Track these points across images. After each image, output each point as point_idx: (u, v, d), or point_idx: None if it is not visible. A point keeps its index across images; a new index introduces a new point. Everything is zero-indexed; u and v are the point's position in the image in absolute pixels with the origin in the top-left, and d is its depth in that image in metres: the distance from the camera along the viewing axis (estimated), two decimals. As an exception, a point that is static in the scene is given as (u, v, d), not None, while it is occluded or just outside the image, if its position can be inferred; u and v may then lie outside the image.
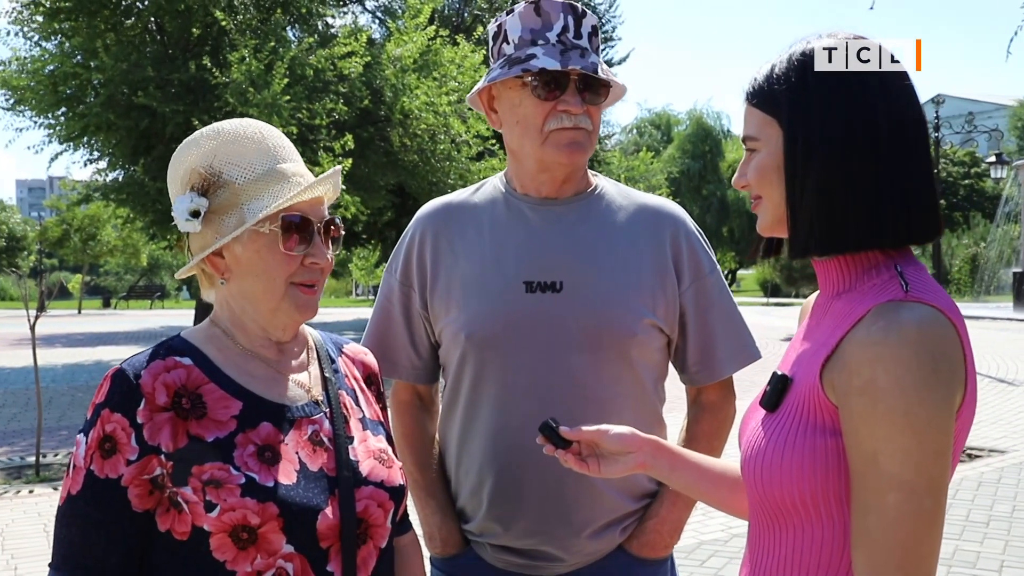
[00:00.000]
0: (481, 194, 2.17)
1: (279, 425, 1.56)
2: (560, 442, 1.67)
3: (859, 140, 1.32)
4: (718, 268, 2.15)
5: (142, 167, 14.90)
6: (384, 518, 1.62)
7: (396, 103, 15.06)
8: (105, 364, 17.56)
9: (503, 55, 2.00)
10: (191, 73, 14.18)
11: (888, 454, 1.21)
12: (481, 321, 2.02)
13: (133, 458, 1.46)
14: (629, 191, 2.17)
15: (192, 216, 1.54)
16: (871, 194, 1.31)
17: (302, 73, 13.99)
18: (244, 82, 13.27)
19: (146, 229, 18.13)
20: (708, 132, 51.13)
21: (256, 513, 1.47)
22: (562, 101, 1.94)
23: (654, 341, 2.05)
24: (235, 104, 13.28)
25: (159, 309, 42.56)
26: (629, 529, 2.08)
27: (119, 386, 1.49)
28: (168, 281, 55.26)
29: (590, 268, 2.01)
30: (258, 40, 14.24)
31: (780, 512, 1.35)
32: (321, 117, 14.00)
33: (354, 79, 14.64)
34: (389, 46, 15.55)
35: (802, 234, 1.37)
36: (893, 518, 1.21)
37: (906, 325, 1.22)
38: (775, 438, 1.34)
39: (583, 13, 1.99)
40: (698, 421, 2.15)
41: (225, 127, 1.60)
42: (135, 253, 37.98)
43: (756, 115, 1.42)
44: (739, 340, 2.13)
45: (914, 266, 1.34)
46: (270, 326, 1.63)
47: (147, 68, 14.35)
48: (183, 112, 14.12)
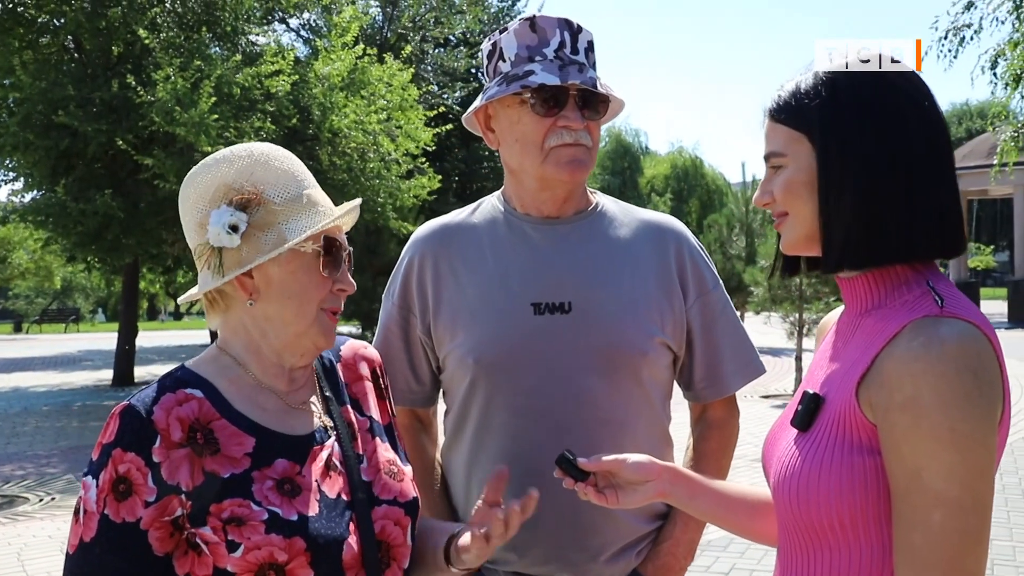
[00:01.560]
0: (479, 214, 2.13)
1: (294, 459, 1.51)
2: (578, 474, 1.64)
3: (894, 153, 1.31)
4: (720, 283, 2.14)
5: (63, 188, 14.49)
6: (403, 536, 1.59)
7: (325, 122, 14.92)
8: (23, 391, 17.02)
9: (499, 73, 1.97)
10: (113, 92, 13.84)
11: (933, 471, 1.19)
12: (490, 344, 1.98)
13: (151, 499, 1.39)
14: (629, 207, 2.15)
15: (231, 230, 1.49)
16: (906, 207, 1.31)
17: (229, 92, 13.77)
18: (170, 101, 13.00)
19: (68, 251, 17.59)
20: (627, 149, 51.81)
21: (283, 549, 1.41)
22: (562, 117, 1.91)
23: (663, 359, 2.03)
24: (161, 123, 12.99)
25: (74, 333, 41.29)
26: (644, 552, 2.05)
27: (130, 423, 1.42)
28: (82, 304, 53.71)
29: (598, 288, 1.98)
30: (183, 58, 13.99)
31: (815, 533, 1.33)
32: (249, 136, 13.79)
33: (281, 98, 14.46)
34: (317, 64, 15.42)
35: (836, 249, 1.36)
36: (939, 535, 1.19)
37: (947, 341, 1.21)
38: (810, 458, 1.32)
39: (579, 28, 1.97)
40: (706, 439, 2.13)
41: (256, 148, 1.57)
42: (48, 276, 36.88)
43: (782, 131, 1.41)
44: (744, 355, 2.12)
45: (944, 281, 1.33)
46: (290, 351, 1.58)
47: (67, 87, 13.97)
48: (106, 131, 13.79)
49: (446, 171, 20.96)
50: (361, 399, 1.71)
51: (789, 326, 12.95)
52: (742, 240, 24.32)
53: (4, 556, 6.37)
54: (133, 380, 17.70)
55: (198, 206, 1.55)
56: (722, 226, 24.78)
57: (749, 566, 5.85)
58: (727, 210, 27.41)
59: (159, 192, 14.03)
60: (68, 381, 18.78)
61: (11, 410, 14.33)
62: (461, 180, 23.50)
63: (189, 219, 1.56)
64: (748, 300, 13.36)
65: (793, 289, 12.67)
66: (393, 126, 16.09)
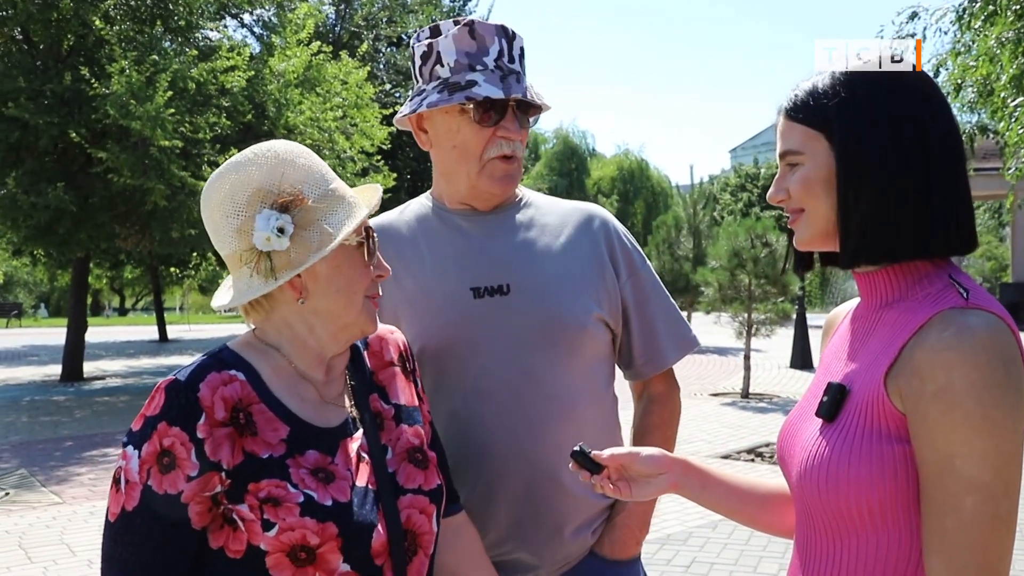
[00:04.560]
0: (408, 213, 2.16)
1: (324, 450, 1.53)
2: (593, 467, 1.65)
3: (911, 152, 1.34)
4: (648, 262, 2.20)
5: (13, 181, 14.29)
6: (428, 523, 1.61)
7: (280, 118, 14.90)
8: (-30, 386, 16.76)
9: (437, 77, 1.97)
10: (66, 84, 13.69)
11: (965, 456, 1.21)
12: (433, 332, 2.00)
13: (194, 474, 1.40)
14: (552, 199, 2.20)
15: (280, 233, 1.48)
16: (924, 204, 1.34)
17: (184, 87, 13.71)
18: (125, 94, 12.91)
19: (15, 245, 17.30)
20: (574, 150, 51.91)
21: (315, 533, 1.43)
22: (501, 127, 1.96)
23: (602, 335, 2.07)
24: (116, 116, 12.90)
25: (16, 328, 40.47)
26: (599, 530, 2.08)
27: (176, 399, 1.43)
28: (24, 298, 52.59)
29: (534, 267, 2.03)
30: (138, 52, 13.86)
31: (843, 521, 1.35)
32: (204, 131, 13.75)
33: (236, 93, 14.42)
34: (272, 61, 15.38)
35: (853, 244, 1.39)
36: (971, 520, 1.21)
37: (977, 331, 1.23)
38: (839, 447, 1.33)
39: (513, 35, 2.00)
40: (649, 413, 2.18)
41: (276, 147, 1.55)
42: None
43: (799, 130, 1.43)
44: (678, 330, 2.18)
45: (964, 275, 1.36)
46: (335, 340, 1.60)
47: (17, 79, 13.74)
48: (58, 124, 13.62)
49: (398, 169, 20.99)
50: (388, 385, 1.72)
51: (738, 325, 13.21)
52: (690, 241, 24.70)
53: (-37, 549, 6.38)
54: (82, 375, 17.51)
55: (233, 212, 1.52)
56: (670, 227, 25.14)
57: (709, 559, 5.96)
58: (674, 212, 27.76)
59: (112, 186, 13.88)
60: (14, 376, 18.53)
61: (-42, 406, 14.14)
62: (413, 178, 23.51)
63: (223, 226, 1.53)
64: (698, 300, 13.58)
65: (742, 289, 12.93)
66: (348, 124, 16.12)
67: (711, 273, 13.30)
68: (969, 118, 16.47)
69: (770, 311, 12.92)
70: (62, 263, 18.48)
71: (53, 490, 8.29)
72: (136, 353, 24.44)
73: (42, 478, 8.82)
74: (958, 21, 14.79)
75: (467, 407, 1.99)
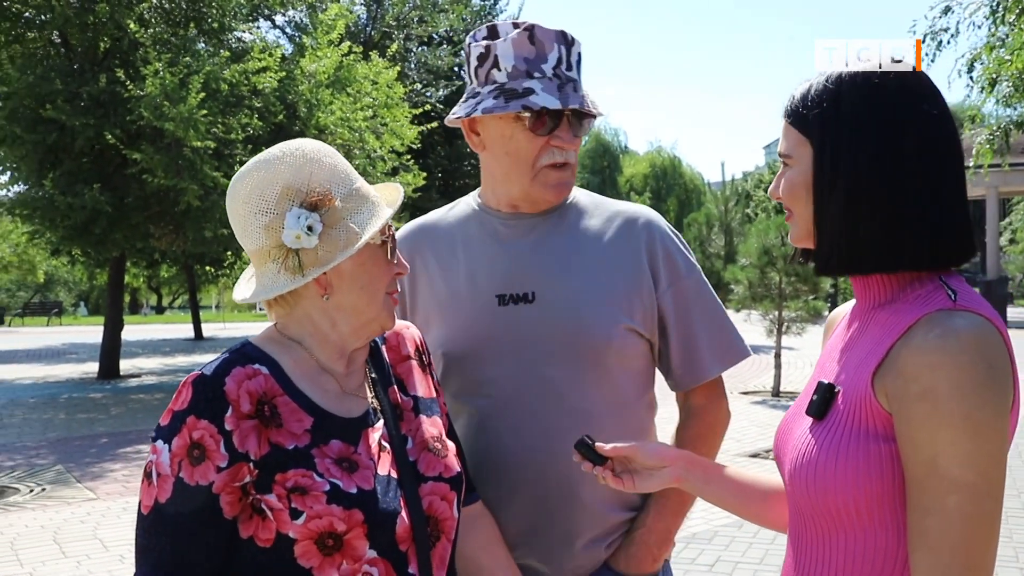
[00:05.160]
0: (455, 213, 2.16)
1: (348, 440, 1.57)
2: (596, 458, 1.67)
3: (885, 168, 1.33)
4: (698, 269, 2.11)
5: (51, 182, 14.55)
6: (450, 510, 1.65)
7: (311, 118, 15.04)
8: (9, 383, 17.08)
9: (493, 82, 1.94)
10: (101, 86, 13.93)
11: (949, 456, 1.22)
12: (457, 337, 2.01)
13: (223, 465, 1.44)
14: (603, 200, 2.15)
15: (309, 231, 1.52)
16: (891, 221, 1.33)
17: (217, 88, 13.89)
18: (159, 96, 13.10)
19: (53, 245, 17.61)
20: (607, 148, 51.81)
21: (342, 520, 1.47)
22: (555, 136, 1.94)
23: (633, 347, 2.02)
24: (150, 118, 13.10)
25: (57, 326, 41.17)
26: (615, 544, 2.04)
27: (203, 392, 1.47)
28: (64, 297, 53.42)
29: (562, 277, 2.00)
30: (172, 54, 14.05)
31: (832, 519, 1.36)
32: (236, 132, 13.93)
33: (268, 94, 14.58)
34: (304, 61, 15.52)
35: (824, 254, 1.41)
36: (955, 520, 1.22)
37: (963, 333, 1.24)
38: (827, 446, 1.34)
39: (572, 41, 1.96)
40: (686, 426, 2.10)
41: (304, 146, 1.58)
42: (31, 269, 36.65)
43: (792, 133, 1.44)
44: (723, 340, 2.09)
45: (955, 277, 1.36)
46: (356, 335, 1.64)
47: (55, 81, 14.03)
48: (94, 126, 13.87)
49: (429, 168, 21.11)
50: (406, 378, 1.77)
51: (769, 323, 13.12)
52: (721, 238, 24.61)
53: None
54: (119, 373, 17.79)
55: (262, 209, 1.55)
56: (701, 225, 25.06)
57: (734, 558, 5.93)
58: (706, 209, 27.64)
59: (147, 187, 14.09)
60: (53, 374, 18.84)
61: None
62: (444, 177, 23.64)
63: (252, 222, 1.55)
64: (728, 298, 13.53)
65: (773, 287, 12.84)
66: (378, 123, 16.23)
67: (741, 271, 13.22)
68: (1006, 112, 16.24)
69: (801, 309, 12.81)
70: (99, 262, 18.75)
71: (88, 486, 8.43)
72: (171, 351, 24.81)
73: (77, 474, 8.97)
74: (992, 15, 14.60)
75: (485, 414, 2.00)
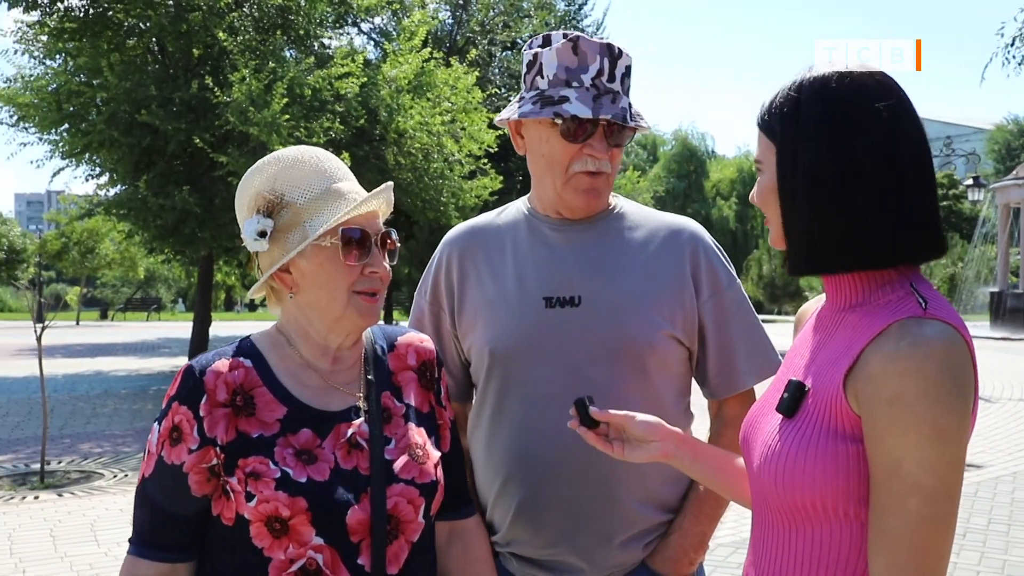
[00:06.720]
0: (505, 216, 2.24)
1: (317, 431, 1.67)
2: (588, 421, 1.73)
3: (841, 166, 1.35)
4: (738, 282, 2.17)
5: (144, 183, 15.16)
6: (415, 514, 1.71)
7: (391, 123, 15.31)
8: (104, 375, 17.82)
9: (535, 88, 2.03)
10: (192, 92, 14.47)
11: (913, 461, 1.26)
12: (504, 337, 2.07)
13: (194, 447, 1.60)
14: (648, 211, 2.20)
15: (260, 236, 1.65)
16: (850, 217, 1.35)
17: (300, 93, 14.28)
18: (244, 101, 13.57)
19: (147, 243, 18.41)
20: (693, 152, 51.23)
21: (286, 506, 1.58)
22: (588, 145, 1.99)
23: (673, 353, 2.07)
24: (236, 123, 13.58)
25: (155, 321, 42.68)
26: (653, 544, 2.10)
27: (187, 381, 1.63)
28: (164, 294, 55.29)
29: (607, 282, 2.05)
30: (258, 60, 14.54)
31: (797, 514, 1.39)
32: (318, 136, 14.26)
33: (350, 99, 14.91)
34: (385, 67, 15.85)
35: (792, 257, 1.45)
36: (914, 522, 1.26)
37: (932, 342, 1.27)
38: (796, 443, 1.37)
39: (619, 54, 2.00)
40: (719, 435, 2.14)
41: (285, 154, 1.71)
42: (132, 266, 38.11)
43: (763, 140, 1.47)
44: (760, 352, 2.13)
45: (925, 284, 1.39)
46: (333, 333, 1.73)
47: (150, 87, 14.65)
48: (184, 130, 14.43)
49: (509, 171, 21.23)
50: (403, 387, 1.83)
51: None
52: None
53: (79, 526, 6.84)
54: (206, 367, 18.35)
55: (240, 217, 1.73)
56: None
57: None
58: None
59: (233, 189, 14.46)
60: (146, 366, 19.59)
61: (92, 392, 15.06)
62: (524, 180, 23.76)
63: (242, 229, 1.72)
64: (803, 305, 13.33)
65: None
66: (457, 128, 16.47)
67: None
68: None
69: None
70: (192, 260, 19.47)
71: (165, 473, 8.80)
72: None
73: (157, 462, 9.36)
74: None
75: (528, 412, 2.06)
